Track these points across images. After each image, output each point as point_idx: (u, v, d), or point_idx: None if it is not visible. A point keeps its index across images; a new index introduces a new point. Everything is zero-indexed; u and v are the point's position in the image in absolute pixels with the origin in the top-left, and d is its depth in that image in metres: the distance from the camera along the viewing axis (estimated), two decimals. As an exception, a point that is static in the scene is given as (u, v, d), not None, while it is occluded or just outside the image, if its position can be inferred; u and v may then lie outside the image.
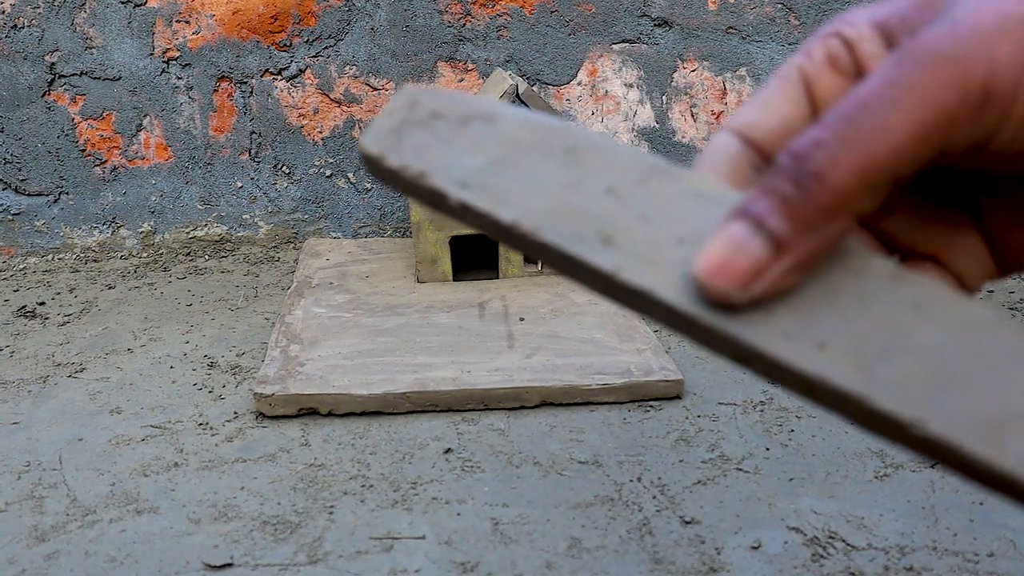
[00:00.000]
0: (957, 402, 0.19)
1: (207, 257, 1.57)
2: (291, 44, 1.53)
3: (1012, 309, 1.23)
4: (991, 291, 1.29)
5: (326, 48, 1.54)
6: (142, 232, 1.60)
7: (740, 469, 0.87)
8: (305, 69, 1.55)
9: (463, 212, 0.22)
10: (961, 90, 0.21)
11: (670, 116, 1.60)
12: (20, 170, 1.56)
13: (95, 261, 1.57)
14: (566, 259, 0.22)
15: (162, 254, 1.59)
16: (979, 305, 0.21)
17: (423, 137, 0.21)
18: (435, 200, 0.22)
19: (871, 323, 0.20)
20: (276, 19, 1.52)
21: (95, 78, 1.53)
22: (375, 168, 0.22)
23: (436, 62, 1.55)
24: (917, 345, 0.20)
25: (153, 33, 1.52)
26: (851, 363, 0.20)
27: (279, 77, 1.55)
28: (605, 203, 0.22)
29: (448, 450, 0.92)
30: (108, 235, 1.60)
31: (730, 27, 1.56)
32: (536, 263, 1.37)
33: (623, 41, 1.56)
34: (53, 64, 1.52)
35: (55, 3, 1.49)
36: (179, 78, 1.54)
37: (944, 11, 0.22)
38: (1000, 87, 0.21)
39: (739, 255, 0.22)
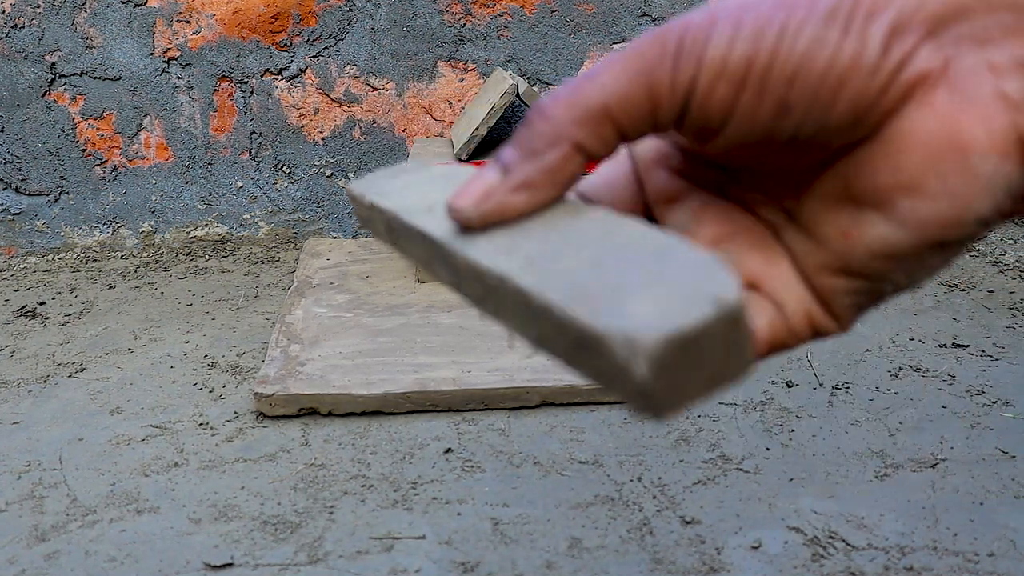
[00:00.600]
0: (578, 278, 0.22)
1: (207, 257, 1.57)
2: (291, 44, 1.53)
3: (1012, 309, 1.23)
4: (991, 291, 1.29)
5: (326, 48, 1.54)
6: (142, 232, 1.60)
7: (740, 469, 0.87)
8: (305, 69, 1.55)
9: (372, 211, 0.29)
10: (660, 45, 0.24)
11: (670, 116, 1.60)
12: (20, 170, 1.56)
13: (95, 261, 1.57)
14: (403, 227, 0.28)
15: (162, 254, 1.59)
16: (644, 224, 0.25)
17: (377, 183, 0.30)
18: (367, 213, 0.30)
19: (558, 242, 0.24)
20: (276, 19, 1.52)
21: (95, 78, 1.53)
22: (352, 202, 0.30)
23: (436, 62, 1.55)
24: (582, 253, 0.23)
25: (153, 33, 1.52)
26: (529, 266, 0.23)
27: (279, 77, 1.55)
28: (436, 195, 0.28)
29: (448, 450, 0.92)
30: (108, 235, 1.60)
31: (730, 27, 1.56)
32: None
33: (623, 41, 1.56)
34: (53, 64, 1.52)
35: (55, 3, 1.49)
36: (179, 78, 1.54)
37: None
38: (691, 39, 0.24)
39: (477, 181, 0.26)
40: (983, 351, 1.10)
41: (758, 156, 0.27)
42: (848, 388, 1.02)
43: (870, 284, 0.26)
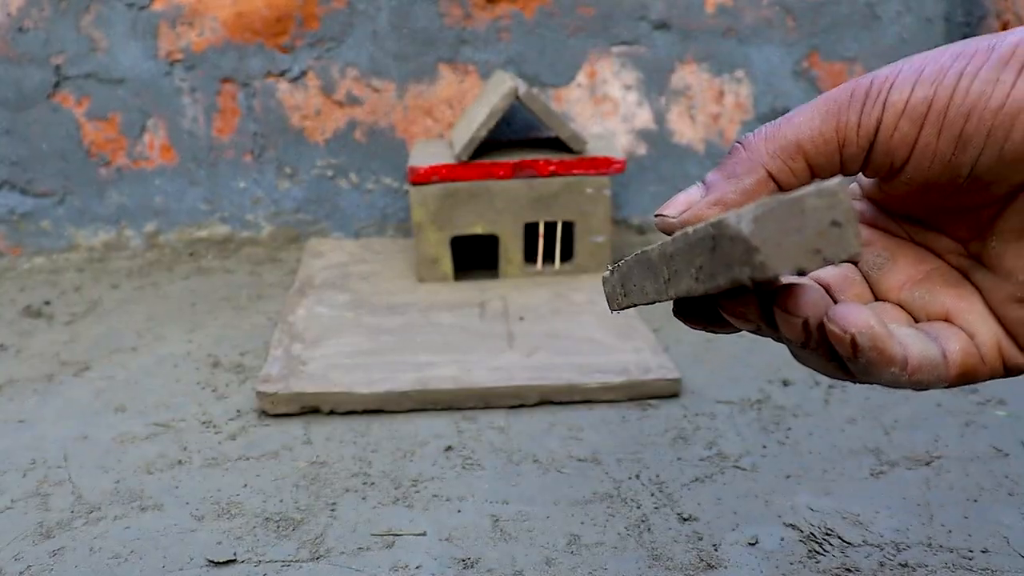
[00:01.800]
0: None
1: (211, 257, 1.59)
2: (294, 46, 1.55)
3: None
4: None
5: (328, 50, 1.55)
6: (146, 232, 1.62)
7: (737, 466, 0.88)
8: (307, 71, 1.56)
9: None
10: (849, 91, 0.28)
11: (668, 118, 1.61)
12: (26, 171, 1.57)
13: (100, 261, 1.58)
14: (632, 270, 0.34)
15: (166, 254, 1.60)
16: None
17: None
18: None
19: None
20: (279, 21, 1.53)
21: (100, 80, 1.54)
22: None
23: (437, 64, 1.56)
24: None
25: (157, 36, 1.53)
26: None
27: (282, 79, 1.56)
28: None
29: (449, 448, 0.92)
30: (113, 235, 1.61)
31: (728, 29, 1.56)
32: (535, 263, 1.38)
33: (622, 43, 1.57)
34: (59, 66, 1.53)
35: (60, 6, 1.50)
36: (183, 80, 1.55)
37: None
38: (877, 85, 0.28)
39: (682, 195, 0.31)
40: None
41: (940, 200, 0.30)
42: (844, 386, 1.03)
43: None
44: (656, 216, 0.31)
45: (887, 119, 0.27)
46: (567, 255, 1.40)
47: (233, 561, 0.75)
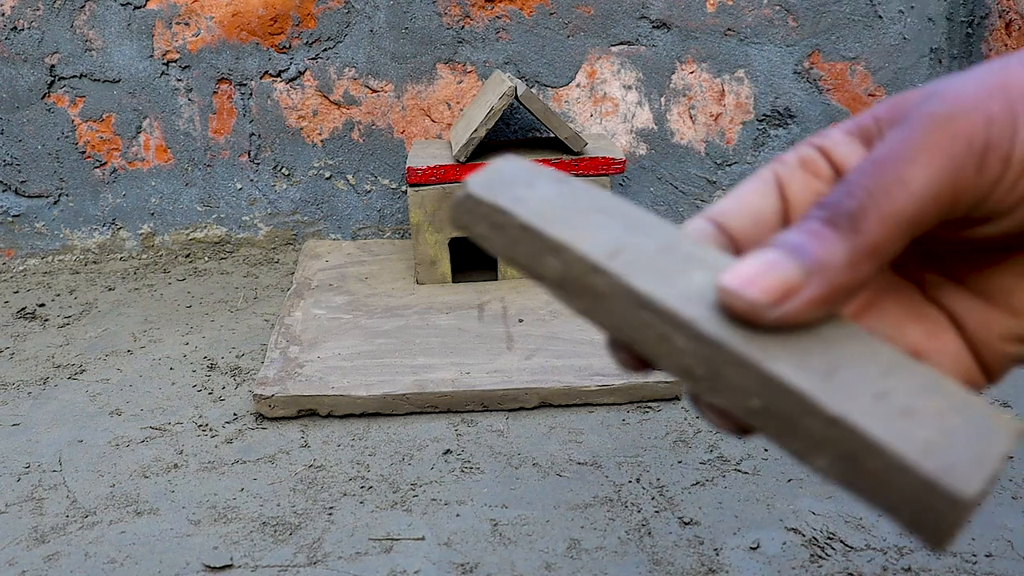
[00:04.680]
0: (877, 407, 0.22)
1: (207, 259, 1.58)
2: (290, 46, 1.54)
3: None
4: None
5: (325, 50, 1.54)
6: (142, 234, 1.61)
7: (739, 470, 0.87)
8: (304, 71, 1.55)
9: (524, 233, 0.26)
10: (966, 141, 0.23)
11: (668, 118, 1.60)
12: (20, 172, 1.56)
13: (95, 263, 1.57)
14: (602, 278, 0.25)
15: (162, 256, 1.59)
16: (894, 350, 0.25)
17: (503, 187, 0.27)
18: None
19: (839, 359, 0.24)
20: (275, 21, 1.52)
21: (95, 80, 1.53)
22: (468, 204, 0.27)
23: (435, 64, 1.55)
24: (868, 374, 0.23)
25: (153, 35, 1.52)
26: (828, 384, 0.23)
27: (278, 79, 1.55)
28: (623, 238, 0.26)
29: (447, 451, 0.92)
30: (108, 237, 1.60)
31: (728, 29, 1.56)
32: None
33: (622, 43, 1.56)
34: (53, 66, 1.52)
35: (55, 5, 1.49)
36: (179, 80, 1.54)
37: (920, 102, 0.25)
38: (998, 135, 0.23)
39: (772, 272, 0.23)
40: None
41: (955, 231, 0.26)
42: (846, 389, 1.03)
43: None
44: (732, 296, 0.23)
45: (1009, 177, 0.23)
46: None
47: (230, 566, 0.74)
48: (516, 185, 0.27)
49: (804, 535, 0.76)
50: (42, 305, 1.38)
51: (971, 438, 0.22)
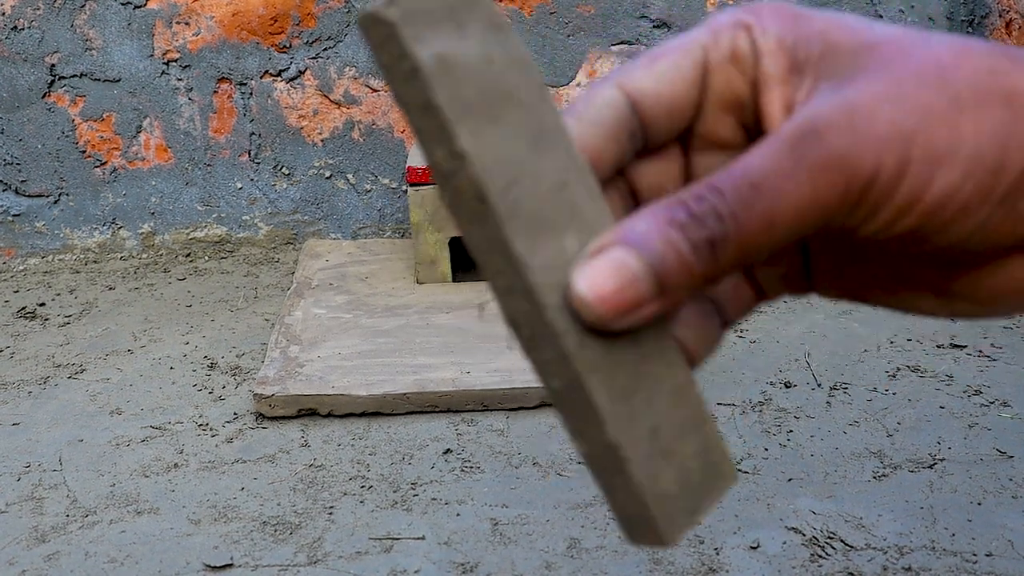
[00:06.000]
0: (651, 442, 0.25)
1: (207, 258, 1.58)
2: (291, 45, 1.54)
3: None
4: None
5: (326, 49, 1.54)
6: (142, 233, 1.61)
7: (739, 469, 0.87)
8: (305, 70, 1.55)
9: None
10: (843, 192, 0.23)
11: (669, 117, 1.60)
12: (20, 171, 1.56)
13: (95, 262, 1.57)
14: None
15: (162, 255, 1.59)
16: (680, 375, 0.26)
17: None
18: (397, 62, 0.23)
19: (652, 404, 0.26)
20: (276, 21, 1.52)
21: (95, 80, 1.53)
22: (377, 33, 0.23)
23: (435, 63, 1.55)
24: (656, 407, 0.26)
25: (153, 35, 1.52)
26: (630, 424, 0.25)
27: (279, 78, 1.55)
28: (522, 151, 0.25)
29: (448, 451, 0.92)
30: (108, 236, 1.60)
31: (729, 28, 1.56)
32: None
33: (622, 42, 1.56)
34: (53, 66, 1.52)
35: (55, 5, 1.49)
36: (179, 80, 1.54)
37: (847, 74, 0.24)
38: (878, 190, 0.23)
39: (627, 285, 0.23)
40: (981, 351, 1.11)
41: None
42: (846, 389, 1.03)
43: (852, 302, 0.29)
44: (581, 305, 0.24)
45: (881, 218, 0.23)
46: (566, 256, 1.39)
47: (230, 566, 0.74)
48: (444, 24, 0.24)
49: (804, 535, 0.76)
50: (42, 304, 1.38)
51: (697, 492, 0.26)
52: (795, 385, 1.04)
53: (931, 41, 0.24)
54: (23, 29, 1.50)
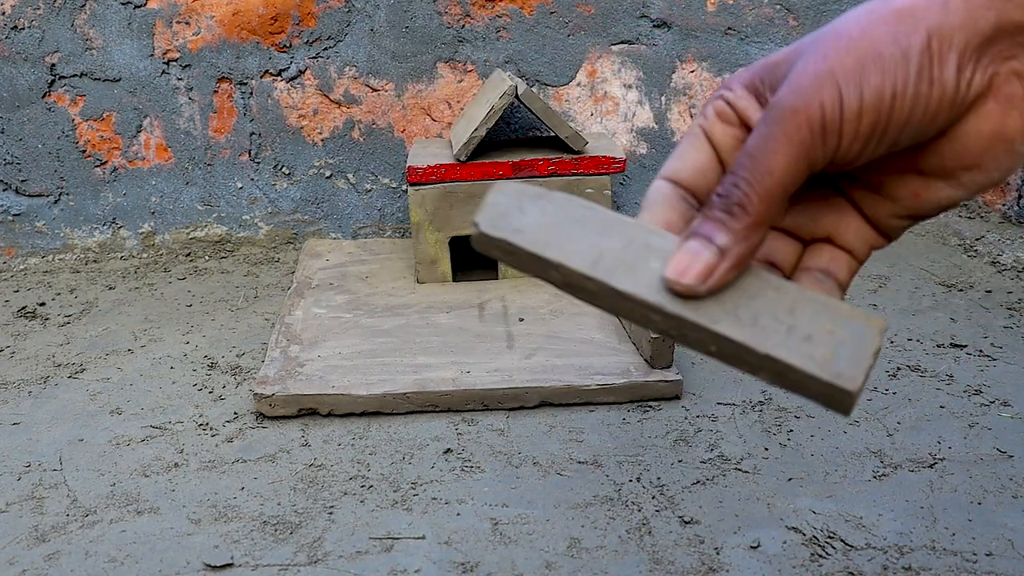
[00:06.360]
0: (788, 338, 0.34)
1: (207, 258, 1.58)
2: (291, 45, 1.54)
3: (1010, 309, 1.23)
4: (989, 291, 1.29)
5: (326, 49, 1.54)
6: (142, 233, 1.61)
7: (739, 469, 0.87)
8: (305, 70, 1.55)
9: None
10: (808, 128, 0.32)
11: (669, 117, 1.60)
12: (20, 171, 1.56)
13: (95, 262, 1.57)
14: (588, 280, 0.35)
15: (162, 255, 1.59)
16: (807, 289, 0.35)
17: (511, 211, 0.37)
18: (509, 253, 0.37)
19: (757, 302, 0.35)
20: (276, 20, 1.52)
21: (95, 79, 1.53)
22: (483, 240, 0.37)
23: (435, 63, 1.55)
24: (779, 312, 0.34)
25: (153, 34, 1.52)
26: (754, 328, 0.34)
27: (279, 78, 1.55)
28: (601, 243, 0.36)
29: (448, 450, 0.92)
30: (108, 236, 1.60)
31: (729, 28, 1.56)
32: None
33: (622, 42, 1.56)
34: (53, 65, 1.52)
35: (55, 4, 1.49)
36: (179, 79, 1.54)
37: (788, 70, 0.34)
38: (830, 117, 0.32)
39: (696, 261, 0.33)
40: (981, 351, 1.11)
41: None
42: (847, 388, 1.02)
43: (923, 219, 0.37)
44: (672, 284, 0.33)
45: (844, 143, 0.32)
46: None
47: (230, 565, 0.74)
48: (511, 214, 0.36)
49: (804, 534, 0.76)
50: (42, 304, 1.38)
51: (852, 347, 0.34)
52: (795, 385, 1.04)
53: (833, 24, 0.34)
54: (23, 29, 1.50)
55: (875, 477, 0.85)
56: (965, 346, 1.12)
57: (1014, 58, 0.32)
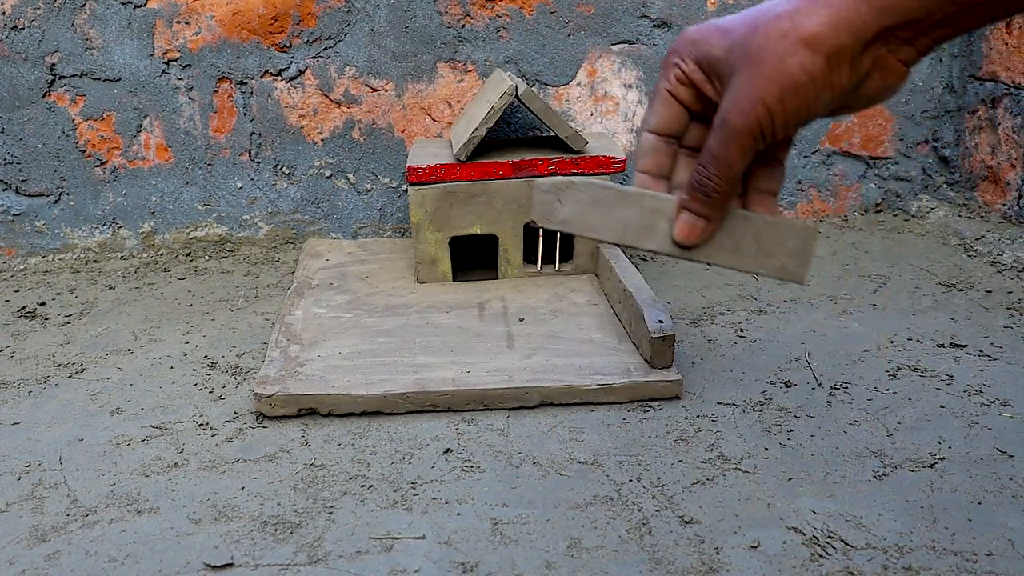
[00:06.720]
0: (756, 255, 0.52)
1: (207, 258, 1.58)
2: (291, 45, 1.54)
3: (1010, 309, 1.23)
4: (989, 291, 1.29)
5: (326, 49, 1.54)
6: (142, 233, 1.61)
7: (739, 469, 0.87)
8: (305, 70, 1.55)
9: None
10: (751, 137, 0.46)
11: (669, 117, 1.60)
12: (21, 171, 1.56)
13: (95, 262, 1.57)
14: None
15: (162, 255, 1.59)
16: (762, 216, 0.52)
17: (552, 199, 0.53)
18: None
19: (732, 237, 0.52)
20: (276, 20, 1.52)
21: (95, 79, 1.53)
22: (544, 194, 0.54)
23: (436, 63, 1.55)
24: (746, 239, 0.52)
25: (153, 34, 1.52)
26: (736, 253, 0.52)
27: (279, 78, 1.55)
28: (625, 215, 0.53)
29: (448, 450, 0.92)
30: (108, 236, 1.60)
31: (729, 28, 1.56)
32: (535, 264, 1.38)
33: (622, 42, 1.56)
34: (53, 65, 1.52)
35: (56, 4, 1.49)
36: (179, 79, 1.54)
37: (728, 77, 0.46)
38: (766, 130, 0.46)
39: (693, 227, 0.51)
40: (981, 351, 1.11)
41: None
42: (846, 388, 1.02)
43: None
44: (682, 243, 0.51)
45: (774, 139, 0.47)
46: (567, 256, 1.39)
47: (230, 565, 0.74)
48: (554, 208, 0.53)
49: (804, 534, 0.76)
50: (43, 304, 1.38)
51: (799, 251, 0.52)
52: (795, 385, 1.04)
53: (757, 35, 0.44)
54: (23, 29, 1.50)
55: (875, 477, 0.85)
56: (965, 346, 1.12)
57: (888, 45, 0.44)
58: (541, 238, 1.36)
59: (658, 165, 0.52)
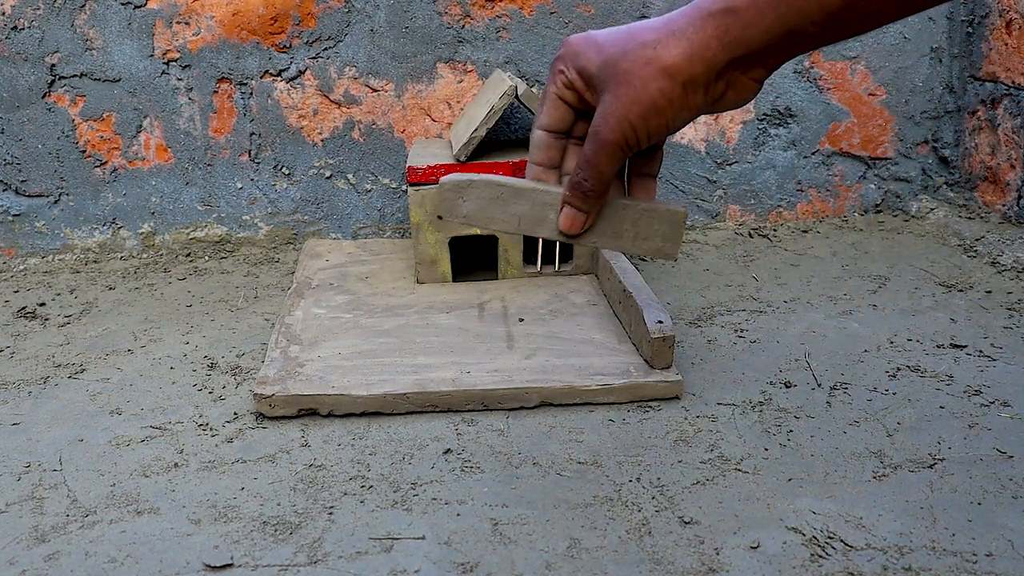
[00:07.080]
0: (632, 239, 0.63)
1: (207, 258, 1.58)
2: (291, 45, 1.54)
3: (1010, 309, 1.23)
4: (989, 291, 1.29)
5: (326, 49, 1.54)
6: (142, 233, 1.61)
7: (739, 469, 0.87)
8: (305, 70, 1.55)
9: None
10: (619, 148, 0.55)
11: (669, 117, 1.60)
12: (20, 171, 1.56)
13: (95, 262, 1.57)
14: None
15: (162, 255, 1.59)
16: (642, 202, 0.62)
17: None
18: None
19: (611, 223, 0.62)
20: (276, 20, 1.52)
21: (95, 79, 1.53)
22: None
23: (435, 63, 1.55)
24: (624, 225, 0.63)
25: (153, 34, 1.52)
26: (615, 238, 0.63)
27: (279, 78, 1.55)
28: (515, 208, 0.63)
29: (448, 451, 0.92)
30: (108, 236, 1.60)
31: (729, 28, 1.56)
32: (535, 264, 1.38)
33: (622, 42, 1.56)
34: (53, 65, 1.52)
35: (55, 5, 1.49)
36: (179, 79, 1.54)
37: (601, 91, 0.55)
38: (632, 143, 0.55)
39: (574, 219, 0.60)
40: (981, 351, 1.11)
41: None
42: (846, 388, 1.03)
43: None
44: (567, 232, 0.62)
45: (640, 149, 0.58)
46: (566, 256, 1.39)
47: (230, 566, 0.74)
48: (457, 203, 0.61)
49: (804, 534, 0.76)
50: (42, 304, 1.38)
51: (671, 235, 0.61)
52: (795, 385, 1.04)
53: (626, 59, 0.53)
54: (23, 29, 1.50)
55: (875, 477, 0.85)
56: (965, 346, 1.12)
57: (739, 70, 0.52)
58: (541, 239, 1.36)
59: (549, 158, 0.61)
